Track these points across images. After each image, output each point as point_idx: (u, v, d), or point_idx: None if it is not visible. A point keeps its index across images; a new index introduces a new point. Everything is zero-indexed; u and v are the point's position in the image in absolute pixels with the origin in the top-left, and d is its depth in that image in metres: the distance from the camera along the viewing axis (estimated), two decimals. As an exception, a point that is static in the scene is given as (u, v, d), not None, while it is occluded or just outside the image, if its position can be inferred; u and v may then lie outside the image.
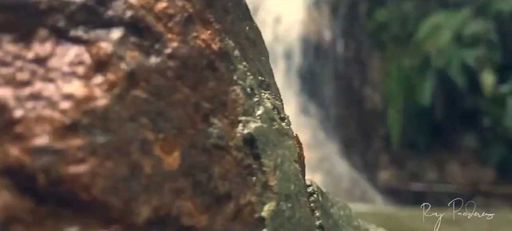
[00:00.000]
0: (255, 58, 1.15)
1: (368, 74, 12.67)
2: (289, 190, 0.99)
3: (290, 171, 1.02)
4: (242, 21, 1.13)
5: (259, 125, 0.97)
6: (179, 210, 0.72)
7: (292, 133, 1.13)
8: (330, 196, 1.64)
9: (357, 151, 12.21)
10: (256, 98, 1.02)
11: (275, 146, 1.01)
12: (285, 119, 1.13)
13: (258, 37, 1.23)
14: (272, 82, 1.20)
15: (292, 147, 1.07)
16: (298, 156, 1.11)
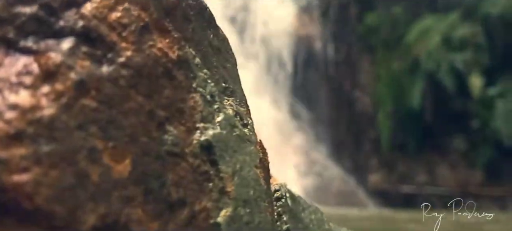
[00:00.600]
0: (219, 65, 1.16)
1: (358, 77, 12.71)
2: (248, 195, 1.00)
3: (249, 177, 1.02)
4: (205, 29, 1.13)
5: (218, 132, 0.98)
6: (128, 217, 0.73)
7: (255, 138, 1.14)
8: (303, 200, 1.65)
9: (348, 153, 12.24)
10: (216, 105, 1.03)
11: (235, 152, 1.02)
12: (248, 125, 1.14)
13: (224, 45, 1.24)
14: (237, 88, 1.20)
15: (254, 153, 1.08)
16: (261, 162, 1.12)
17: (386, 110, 12.04)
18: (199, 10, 1.11)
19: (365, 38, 12.76)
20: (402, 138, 12.06)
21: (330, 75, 12.54)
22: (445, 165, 12.04)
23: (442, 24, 11.51)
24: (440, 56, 11.23)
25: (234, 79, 1.25)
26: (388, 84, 12.09)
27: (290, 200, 1.51)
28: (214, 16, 1.23)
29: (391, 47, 12.41)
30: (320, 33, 12.83)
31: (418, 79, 11.53)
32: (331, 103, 12.42)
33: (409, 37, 11.72)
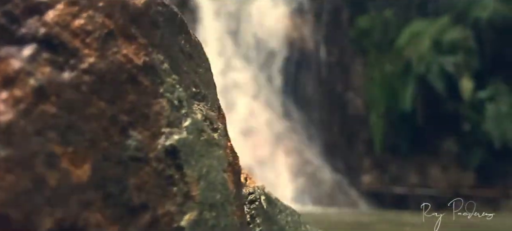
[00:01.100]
0: (190, 71, 1.17)
1: (350, 80, 12.73)
2: (214, 199, 1.00)
3: (216, 181, 1.03)
4: (176, 35, 1.14)
5: (184, 136, 0.99)
6: (86, 221, 0.74)
7: (225, 142, 1.15)
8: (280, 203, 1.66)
9: (340, 155, 12.25)
10: (184, 110, 1.03)
11: (202, 156, 1.03)
12: (218, 129, 1.15)
13: (196, 50, 1.25)
14: (209, 93, 1.21)
15: (222, 157, 1.09)
16: (230, 166, 1.13)
17: (378, 112, 12.06)
18: (169, 17, 1.12)
19: (357, 41, 12.78)
20: (394, 140, 12.09)
21: (323, 77, 12.55)
22: (437, 167, 12.06)
23: (433, 28, 11.54)
24: (431, 60, 11.26)
25: (207, 84, 1.25)
26: (380, 87, 12.11)
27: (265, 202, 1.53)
28: (186, 23, 1.23)
29: (383, 50, 12.43)
30: (313, 36, 12.84)
31: (410, 82, 11.56)
32: (324, 105, 12.44)
33: (401, 41, 11.75)
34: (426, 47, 11.36)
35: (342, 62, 12.64)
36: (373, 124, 12.02)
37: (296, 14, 12.94)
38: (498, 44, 11.47)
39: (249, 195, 1.45)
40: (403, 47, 11.72)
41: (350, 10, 12.76)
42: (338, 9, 12.71)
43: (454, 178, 11.87)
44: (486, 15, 11.08)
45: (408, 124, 11.76)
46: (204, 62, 1.28)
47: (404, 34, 11.80)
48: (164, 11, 1.12)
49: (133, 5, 0.98)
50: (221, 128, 1.20)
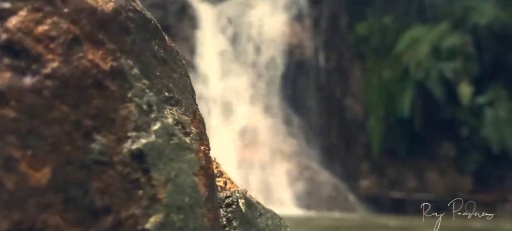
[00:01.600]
0: (163, 76, 1.17)
1: (349, 85, 12.73)
2: (182, 202, 1.01)
3: (185, 184, 1.04)
4: (149, 41, 1.15)
5: (152, 140, 0.99)
6: (44, 223, 0.74)
7: (198, 146, 1.15)
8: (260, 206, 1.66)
9: (339, 159, 12.25)
10: (154, 114, 1.04)
11: (171, 160, 1.03)
12: (190, 134, 1.15)
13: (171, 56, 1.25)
14: (183, 98, 1.22)
15: (193, 161, 1.09)
16: (202, 169, 1.13)
17: (377, 117, 12.06)
18: (141, 23, 1.13)
19: (356, 47, 12.79)
20: (392, 144, 12.08)
21: (322, 82, 12.56)
22: (435, 171, 12.05)
23: (432, 34, 11.55)
24: (430, 65, 11.26)
25: (182, 89, 1.26)
26: (379, 92, 12.11)
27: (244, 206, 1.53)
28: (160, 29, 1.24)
29: (382, 56, 12.44)
30: (312, 42, 12.86)
31: (408, 87, 11.57)
32: (323, 110, 12.44)
33: (400, 46, 11.76)
34: (425, 53, 11.37)
35: (340, 67, 12.65)
36: (372, 129, 12.02)
37: (295, 21, 12.96)
38: (496, 50, 11.47)
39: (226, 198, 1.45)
40: (401, 53, 11.73)
41: (349, 16, 12.78)
42: (337, 16, 12.73)
43: (452, 182, 11.86)
44: (485, 21, 11.08)
45: (407, 129, 11.76)
46: (180, 67, 1.29)
47: (403, 40, 11.81)
48: (136, 17, 1.12)
49: (101, 11, 0.99)
50: (194, 132, 1.20)
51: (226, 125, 11.93)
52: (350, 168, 12.26)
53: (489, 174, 11.65)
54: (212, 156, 1.39)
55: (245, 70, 12.53)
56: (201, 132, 1.30)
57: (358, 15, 12.90)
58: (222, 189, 1.46)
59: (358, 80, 12.74)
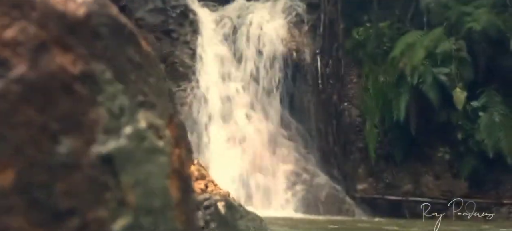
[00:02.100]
0: (139, 80, 1.17)
1: (346, 90, 12.74)
2: (152, 205, 1.01)
3: (156, 187, 1.04)
4: (123, 45, 1.15)
5: (121, 143, 0.99)
6: (7, 225, 0.74)
7: (171, 150, 1.15)
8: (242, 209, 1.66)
9: (336, 163, 12.25)
10: (125, 118, 1.04)
11: (141, 163, 1.03)
12: (164, 137, 1.15)
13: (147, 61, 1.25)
14: (159, 102, 1.22)
15: (165, 164, 1.09)
16: (175, 172, 1.13)
17: (373, 121, 12.07)
18: (115, 28, 1.13)
19: (352, 52, 12.81)
20: (388, 148, 12.08)
21: (319, 87, 12.57)
22: (430, 175, 12.05)
23: (427, 39, 11.56)
24: (425, 70, 11.27)
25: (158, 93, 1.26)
26: (375, 97, 12.12)
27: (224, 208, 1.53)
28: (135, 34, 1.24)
29: (378, 61, 12.45)
30: (310, 47, 12.88)
31: (404, 92, 11.57)
32: (320, 114, 12.45)
33: (395, 52, 11.77)
34: (420, 58, 11.38)
35: (338, 72, 12.66)
36: (368, 133, 12.02)
37: (293, 26, 12.98)
38: (491, 55, 11.48)
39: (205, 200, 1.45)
40: (397, 58, 11.73)
41: (346, 22, 12.80)
42: (334, 21, 12.75)
43: (447, 186, 11.85)
44: (479, 27, 11.09)
45: (402, 133, 11.76)
46: (157, 72, 1.29)
47: (399, 46, 11.82)
48: (110, 22, 1.12)
49: (71, 16, 0.99)
50: (169, 135, 1.20)
51: (225, 129, 11.94)
52: (347, 172, 12.27)
53: (484, 178, 11.65)
54: (194, 159, 1.39)
55: (244, 75, 12.54)
56: (177, 136, 1.30)
57: (355, 21, 12.93)
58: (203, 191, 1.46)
59: (354, 85, 12.76)
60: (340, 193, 11.84)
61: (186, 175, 1.25)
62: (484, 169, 11.53)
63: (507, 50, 11.12)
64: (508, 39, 11.14)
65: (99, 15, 1.08)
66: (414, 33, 11.98)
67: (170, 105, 1.36)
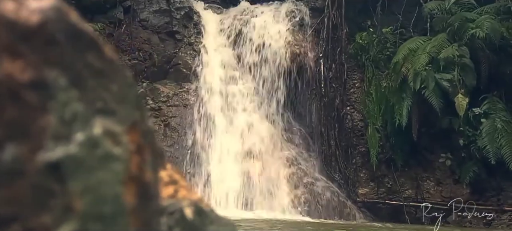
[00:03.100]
0: (98, 87, 1.17)
1: (348, 94, 12.72)
2: (101, 211, 1.01)
3: (107, 194, 1.04)
4: (82, 52, 1.15)
5: (71, 150, 0.99)
6: None
7: (129, 156, 1.15)
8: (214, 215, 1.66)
9: (338, 167, 12.22)
10: (78, 124, 1.04)
11: (93, 169, 1.03)
12: (121, 144, 1.15)
13: (110, 67, 1.25)
14: (121, 108, 1.22)
15: (120, 171, 1.09)
16: (132, 179, 1.13)
17: (375, 126, 12.04)
18: (73, 35, 1.13)
19: (355, 57, 12.80)
20: (390, 153, 12.05)
21: (322, 91, 12.56)
22: (432, 181, 12.00)
23: (430, 45, 11.52)
24: (427, 76, 11.23)
25: (120, 99, 1.26)
26: (377, 102, 12.10)
27: (193, 214, 1.52)
28: (96, 40, 1.24)
29: (381, 66, 12.44)
30: (313, 51, 12.87)
31: (406, 97, 11.54)
32: (322, 118, 12.43)
33: (398, 57, 11.74)
34: (423, 64, 11.34)
35: (340, 77, 12.64)
36: (370, 138, 11.99)
37: (297, 30, 12.98)
38: (494, 62, 11.43)
39: (170, 206, 1.45)
40: (400, 63, 11.70)
41: (349, 27, 12.79)
42: (338, 26, 12.73)
43: (449, 192, 11.80)
44: (483, 33, 11.04)
45: (404, 138, 11.72)
46: (121, 78, 1.29)
47: (401, 51, 11.79)
48: (67, 29, 1.12)
49: (24, 24, 0.99)
50: (128, 142, 1.20)
51: (228, 131, 11.95)
52: (348, 176, 12.24)
53: (485, 185, 11.59)
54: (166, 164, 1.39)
55: (247, 77, 12.55)
56: (140, 142, 1.30)
57: (358, 26, 12.92)
58: (171, 197, 1.46)
59: (357, 90, 12.74)
60: (342, 197, 11.81)
61: (146, 181, 1.25)
62: (486, 176, 11.47)
63: (510, 57, 11.07)
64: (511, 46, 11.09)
65: (56, 21, 1.08)
66: (417, 39, 11.95)
67: (135, 112, 1.37)
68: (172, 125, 11.73)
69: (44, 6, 1.10)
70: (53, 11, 1.11)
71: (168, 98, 11.94)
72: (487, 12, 11.55)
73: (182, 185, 1.59)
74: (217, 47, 12.77)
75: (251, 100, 12.33)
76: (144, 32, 12.48)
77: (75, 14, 1.21)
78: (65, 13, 1.15)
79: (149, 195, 1.29)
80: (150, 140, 1.38)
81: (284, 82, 12.46)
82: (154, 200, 1.37)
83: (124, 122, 1.24)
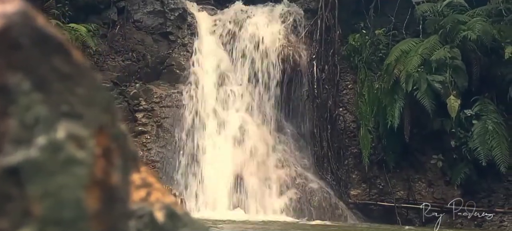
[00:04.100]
0: (65, 91, 1.17)
1: (341, 96, 12.74)
2: (61, 216, 1.01)
3: (68, 198, 1.04)
4: (48, 56, 1.15)
5: (31, 154, 0.99)
6: None
7: (94, 160, 1.15)
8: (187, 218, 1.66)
9: (330, 168, 12.23)
10: (40, 128, 1.04)
11: (54, 174, 1.03)
12: (86, 147, 1.15)
13: (78, 71, 1.25)
14: (88, 112, 1.21)
15: (83, 175, 1.09)
16: (96, 183, 1.13)
17: (367, 127, 12.05)
18: (40, 39, 1.13)
19: (348, 59, 12.81)
20: (382, 154, 12.06)
21: (315, 92, 12.57)
22: (423, 182, 12.02)
23: (422, 47, 11.55)
24: (419, 77, 11.24)
25: (88, 103, 1.25)
26: (370, 103, 12.11)
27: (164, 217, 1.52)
28: (64, 44, 1.24)
29: (373, 68, 12.46)
30: (306, 53, 12.88)
31: (398, 99, 11.55)
32: (315, 119, 12.44)
33: (390, 59, 11.76)
34: (415, 66, 11.36)
35: (333, 78, 12.65)
36: (362, 139, 12.00)
37: (290, 31, 12.99)
38: (485, 64, 11.46)
39: (139, 210, 1.45)
40: (392, 65, 11.72)
41: (342, 29, 12.80)
42: (331, 28, 12.75)
43: (440, 193, 11.82)
44: (474, 36, 11.07)
45: (396, 139, 11.73)
46: (89, 82, 1.29)
47: (394, 53, 11.81)
48: (33, 34, 1.12)
49: (-16, 28, 0.99)
50: (93, 146, 1.20)
51: (221, 132, 11.95)
52: (341, 177, 12.25)
53: (476, 186, 11.63)
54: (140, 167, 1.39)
55: (241, 78, 12.55)
56: (108, 146, 1.29)
57: (351, 28, 12.94)
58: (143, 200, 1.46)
59: (350, 91, 12.75)
60: (333, 198, 11.82)
61: (112, 185, 1.25)
62: (477, 177, 11.50)
63: (502, 59, 11.10)
64: (503, 48, 11.11)
65: (21, 26, 1.08)
66: (410, 41, 11.98)
67: (104, 115, 1.36)
68: (165, 126, 11.72)
69: (8, 11, 1.10)
70: (18, 16, 1.11)
71: (161, 99, 11.93)
72: (478, 14, 11.58)
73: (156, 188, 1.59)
74: (210, 48, 12.77)
75: (244, 102, 12.33)
76: (138, 33, 12.47)
77: (43, 18, 1.21)
78: (31, 17, 1.15)
79: (115, 199, 1.29)
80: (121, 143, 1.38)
81: (277, 83, 12.47)
82: (121, 203, 1.37)
83: (90, 126, 1.24)
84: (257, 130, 12.04)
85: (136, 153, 1.40)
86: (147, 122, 11.70)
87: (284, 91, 12.52)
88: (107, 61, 12.07)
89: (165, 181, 11.33)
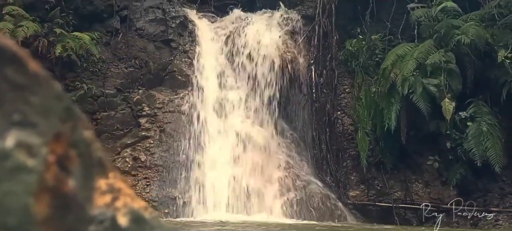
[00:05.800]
0: (17, 100, 1.17)
1: (339, 99, 12.72)
2: (6, 223, 1.01)
3: (15, 205, 1.04)
4: (1, 66, 1.15)
5: (-25, 163, 0.99)
6: None
7: (44, 168, 1.15)
8: (156, 223, 1.65)
9: (329, 170, 12.21)
10: (-13, 138, 1.04)
11: (0, 181, 1.03)
12: (36, 155, 1.15)
13: (33, 81, 1.25)
14: (43, 121, 1.21)
15: (32, 182, 1.09)
16: (46, 190, 1.13)
17: (365, 130, 12.03)
18: (-9, 49, 1.13)
19: (345, 63, 12.80)
20: (380, 156, 12.04)
21: (313, 96, 12.56)
22: (420, 183, 11.98)
23: (417, 51, 11.52)
24: (415, 81, 11.22)
25: (43, 112, 1.25)
26: (367, 106, 12.09)
27: (128, 221, 1.52)
28: (19, 56, 1.24)
29: (370, 72, 12.44)
30: (304, 58, 12.88)
31: (395, 102, 11.53)
32: (314, 123, 12.43)
33: (386, 63, 11.74)
34: (410, 69, 11.34)
35: (331, 82, 12.64)
36: (360, 141, 11.98)
37: (289, 37, 12.99)
38: (479, 67, 11.43)
39: (100, 215, 1.45)
40: (388, 69, 11.70)
41: (340, 34, 12.80)
42: (328, 33, 12.74)
43: (436, 193, 11.78)
44: (468, 40, 11.03)
45: (393, 142, 11.71)
46: (46, 91, 1.28)
47: (390, 57, 11.80)
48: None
49: None
50: (46, 154, 1.20)
51: (221, 136, 11.95)
52: (339, 179, 12.22)
53: (472, 186, 11.58)
54: (108, 173, 1.38)
55: (241, 84, 12.56)
56: (64, 154, 1.29)
57: (348, 33, 12.94)
58: (107, 205, 1.45)
59: (347, 95, 12.74)
60: (333, 199, 11.79)
61: (65, 191, 1.25)
62: (472, 178, 11.46)
63: (495, 62, 11.06)
64: (496, 52, 11.08)
65: (-31, 38, 1.08)
66: (405, 45, 11.96)
67: (62, 124, 1.36)
68: (167, 131, 11.74)
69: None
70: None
71: (164, 104, 11.95)
72: (472, 19, 11.55)
73: (125, 193, 1.58)
74: (211, 54, 12.79)
75: (245, 106, 12.34)
76: (140, 41, 12.50)
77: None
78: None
79: (70, 205, 1.28)
80: (83, 151, 1.37)
81: (276, 88, 12.47)
82: (79, 209, 1.36)
83: (45, 134, 1.23)
84: (258, 134, 12.04)
85: (102, 159, 1.39)
86: (150, 127, 11.72)
87: (283, 96, 12.51)
88: (110, 69, 12.10)
89: (168, 185, 11.35)
